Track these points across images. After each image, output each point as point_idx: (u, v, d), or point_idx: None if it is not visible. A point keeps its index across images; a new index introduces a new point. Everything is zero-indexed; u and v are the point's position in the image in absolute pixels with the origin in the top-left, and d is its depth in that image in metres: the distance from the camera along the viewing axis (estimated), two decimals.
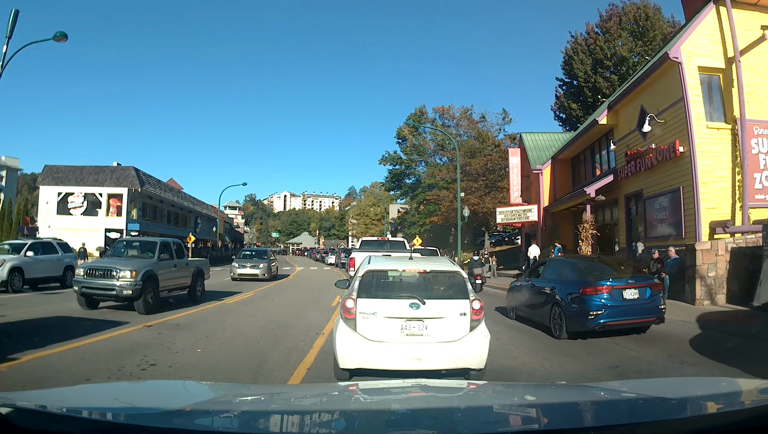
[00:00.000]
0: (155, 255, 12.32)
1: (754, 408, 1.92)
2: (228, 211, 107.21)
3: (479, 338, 5.61)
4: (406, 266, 6.10)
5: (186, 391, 2.68)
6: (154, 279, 11.75)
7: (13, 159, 57.05)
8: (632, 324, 9.15)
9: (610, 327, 8.88)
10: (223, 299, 15.15)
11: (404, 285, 6.04)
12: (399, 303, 5.62)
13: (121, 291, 11.06)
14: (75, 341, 7.91)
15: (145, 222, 43.76)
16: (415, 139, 53.65)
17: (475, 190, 40.91)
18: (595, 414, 2.21)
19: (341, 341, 5.55)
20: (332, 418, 2.09)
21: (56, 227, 39.94)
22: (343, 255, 39.70)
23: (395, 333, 5.52)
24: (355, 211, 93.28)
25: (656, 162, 16.10)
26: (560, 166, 25.87)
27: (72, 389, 3.07)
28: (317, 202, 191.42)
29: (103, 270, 11.38)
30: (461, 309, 5.64)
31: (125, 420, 1.77)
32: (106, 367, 6.28)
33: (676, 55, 15.12)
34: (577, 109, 36.86)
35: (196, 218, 59.93)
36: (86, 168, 43.18)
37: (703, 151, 14.74)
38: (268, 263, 24.22)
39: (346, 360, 5.54)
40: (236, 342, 8.27)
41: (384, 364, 5.43)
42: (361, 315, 5.57)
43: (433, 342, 5.52)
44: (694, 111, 14.90)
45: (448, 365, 5.55)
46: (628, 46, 35.04)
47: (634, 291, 9.06)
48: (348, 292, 5.94)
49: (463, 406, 2.35)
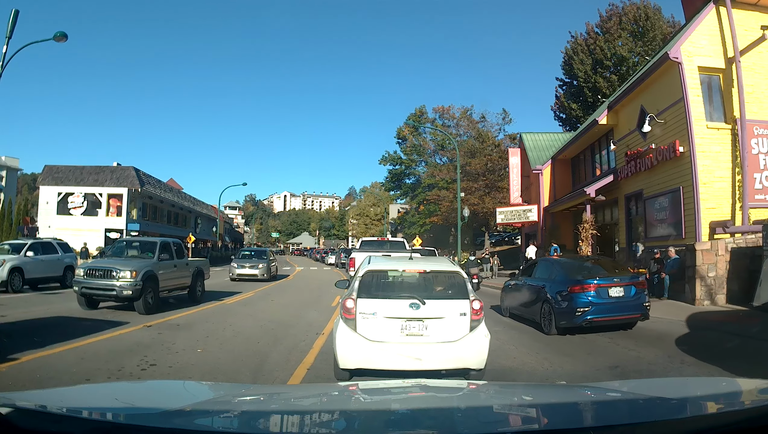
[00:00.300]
0: (155, 256, 12.32)
1: (754, 408, 1.91)
2: (228, 211, 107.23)
3: (479, 338, 5.57)
4: (406, 266, 6.04)
5: (186, 391, 2.69)
6: (154, 280, 11.75)
7: (13, 159, 57.09)
8: (617, 320, 9.45)
9: (596, 323, 9.19)
10: (223, 299, 15.17)
11: (404, 286, 5.99)
12: (399, 303, 5.57)
13: (121, 291, 11.06)
14: (75, 341, 7.91)
15: (145, 223, 43.77)
16: (415, 139, 53.66)
17: (475, 190, 40.90)
18: (595, 414, 2.21)
19: (341, 341, 5.50)
20: (332, 418, 2.08)
21: (56, 227, 39.94)
22: (343, 255, 39.83)
23: (395, 333, 5.47)
24: (355, 211, 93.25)
25: (656, 162, 16.10)
26: (560, 166, 25.88)
27: (72, 389, 3.07)
28: (317, 202, 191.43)
29: (103, 271, 11.38)
30: (461, 309, 5.59)
31: (125, 420, 1.77)
32: (105, 367, 6.28)
33: (676, 55, 15.12)
34: (577, 109, 36.85)
35: (196, 218, 59.94)
36: (86, 168, 43.19)
37: (703, 151, 14.74)
38: (267, 263, 24.09)
39: (346, 361, 5.50)
40: (236, 343, 8.27)
41: (384, 364, 5.39)
42: (361, 316, 5.52)
43: (433, 343, 5.47)
44: (694, 111, 14.90)
45: (448, 365, 5.51)
46: (628, 46, 35.03)
47: (620, 289, 9.41)
48: (348, 292, 5.89)
49: (463, 406, 2.35)
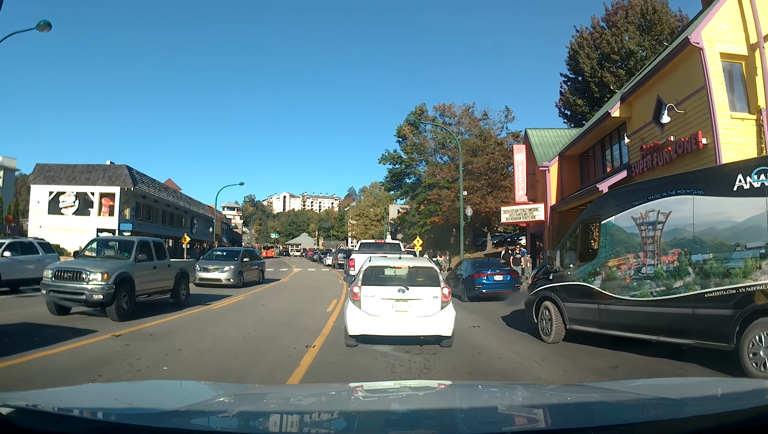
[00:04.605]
0: (132, 256, 11.21)
1: (754, 408, 1.86)
2: (226, 212, 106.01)
3: (447, 314, 7.78)
4: (396, 263, 8.38)
5: (186, 391, 2.62)
6: (129, 282, 10.64)
7: (10, 159, 55.97)
8: (499, 293, 16.34)
9: (486, 295, 16.28)
10: (210, 303, 14.02)
11: (395, 277, 8.12)
12: (390, 288, 7.83)
13: (91, 295, 9.96)
14: (26, 354, 6.83)
15: (138, 223, 42.55)
16: (415, 138, 52.40)
17: (477, 190, 39.91)
18: (595, 414, 2.19)
19: (350, 315, 7.74)
20: (332, 418, 2.06)
21: (47, 227, 38.89)
22: (340, 255, 39.65)
23: (388, 309, 7.69)
24: (355, 211, 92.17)
25: (676, 155, 15.02)
26: (568, 163, 24.75)
27: (72, 389, 3.00)
28: (317, 202, 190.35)
29: (72, 273, 10.27)
30: (434, 293, 7.82)
31: (125, 420, 1.70)
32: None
33: (698, 40, 14.09)
34: (583, 105, 35.73)
35: (192, 218, 58.79)
36: (78, 166, 42.03)
37: (727, 142, 13.69)
38: (237, 266, 19.83)
39: (353, 329, 7.70)
40: (210, 358, 7.13)
41: (380, 331, 7.64)
42: (364, 298, 7.74)
43: (414, 316, 7.68)
44: (718, 100, 13.89)
45: (425, 332, 7.72)
46: (635, 40, 33.96)
47: (500, 276, 16.78)
48: (354, 282, 8.26)
49: (463, 406, 2.31)
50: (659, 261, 7.21)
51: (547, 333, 8.94)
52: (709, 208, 6.55)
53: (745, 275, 5.99)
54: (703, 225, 6.61)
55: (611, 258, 8.03)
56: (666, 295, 6.97)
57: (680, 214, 6.94)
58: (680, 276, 6.83)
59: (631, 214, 7.79)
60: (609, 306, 7.86)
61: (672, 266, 6.98)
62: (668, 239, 7.10)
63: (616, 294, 7.75)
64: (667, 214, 7.13)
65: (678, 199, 7.03)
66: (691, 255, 6.72)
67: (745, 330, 5.85)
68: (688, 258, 6.75)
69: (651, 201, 7.48)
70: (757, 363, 5.77)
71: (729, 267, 6.18)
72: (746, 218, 6.10)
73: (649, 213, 7.43)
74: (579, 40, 36.83)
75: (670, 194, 7.20)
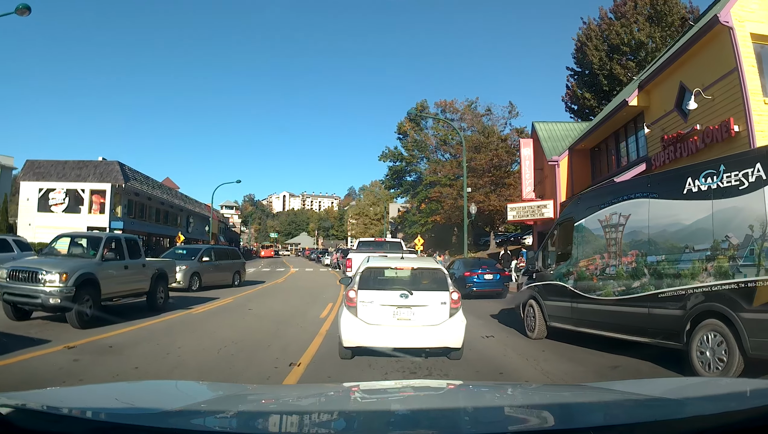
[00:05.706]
0: (98, 254, 9.93)
1: (754, 408, 1.80)
2: (225, 211, 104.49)
3: (457, 323, 6.69)
4: (398, 264, 7.23)
5: (186, 391, 2.50)
6: (94, 284, 9.37)
7: (7, 157, 54.73)
8: (489, 292, 16.92)
9: (477, 293, 16.67)
10: (192, 307, 12.70)
11: (396, 280, 7.09)
12: (391, 293, 6.71)
13: (48, 298, 8.68)
14: None
15: (130, 220, 41.22)
16: (416, 135, 51.08)
17: (480, 187, 38.68)
18: (595, 414, 2.15)
19: (345, 324, 6.64)
20: (331, 418, 2.02)
21: (36, 225, 37.57)
22: (338, 255, 38.10)
23: (388, 317, 6.59)
24: (355, 210, 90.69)
25: (703, 145, 13.74)
26: (578, 157, 23.44)
27: (72, 389, 2.96)
28: (316, 202, 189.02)
29: (28, 273, 9.00)
30: (442, 299, 6.72)
31: (126, 420, 1.62)
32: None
33: (727, 19, 12.84)
34: (591, 99, 34.48)
35: (188, 217, 57.42)
36: (69, 162, 40.72)
37: (761, 130, 12.46)
38: (190, 266, 17.10)
39: (348, 340, 6.64)
40: (172, 379, 5.85)
41: (379, 343, 6.58)
42: (361, 304, 6.64)
43: (418, 326, 6.59)
44: (750, 84, 12.69)
45: (432, 344, 6.67)
46: (645, 31, 32.70)
47: (490, 276, 17.25)
48: (350, 285, 7.04)
49: (463, 406, 2.28)
50: (620, 262, 7.43)
51: (532, 330, 9.31)
52: (663, 211, 6.73)
53: (693, 277, 6.14)
54: (656, 228, 6.80)
55: (582, 259, 8.33)
56: (626, 295, 7.18)
57: (638, 216, 7.15)
58: (637, 277, 7.03)
59: (597, 217, 8.07)
60: (580, 304, 8.13)
61: (630, 267, 7.20)
62: (628, 241, 7.31)
63: (586, 293, 8.00)
64: (627, 216, 7.35)
65: (636, 202, 7.25)
66: (646, 256, 6.92)
67: (694, 330, 6.00)
68: (644, 259, 6.95)
69: (614, 204, 7.73)
70: (703, 362, 5.87)
71: (679, 268, 6.35)
72: (694, 221, 6.24)
73: (612, 215, 7.68)
74: (586, 31, 35.62)
75: (630, 197, 7.42)
